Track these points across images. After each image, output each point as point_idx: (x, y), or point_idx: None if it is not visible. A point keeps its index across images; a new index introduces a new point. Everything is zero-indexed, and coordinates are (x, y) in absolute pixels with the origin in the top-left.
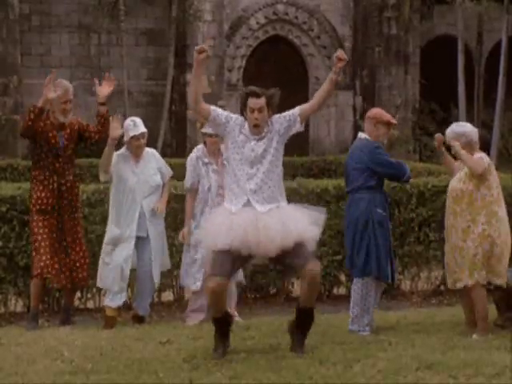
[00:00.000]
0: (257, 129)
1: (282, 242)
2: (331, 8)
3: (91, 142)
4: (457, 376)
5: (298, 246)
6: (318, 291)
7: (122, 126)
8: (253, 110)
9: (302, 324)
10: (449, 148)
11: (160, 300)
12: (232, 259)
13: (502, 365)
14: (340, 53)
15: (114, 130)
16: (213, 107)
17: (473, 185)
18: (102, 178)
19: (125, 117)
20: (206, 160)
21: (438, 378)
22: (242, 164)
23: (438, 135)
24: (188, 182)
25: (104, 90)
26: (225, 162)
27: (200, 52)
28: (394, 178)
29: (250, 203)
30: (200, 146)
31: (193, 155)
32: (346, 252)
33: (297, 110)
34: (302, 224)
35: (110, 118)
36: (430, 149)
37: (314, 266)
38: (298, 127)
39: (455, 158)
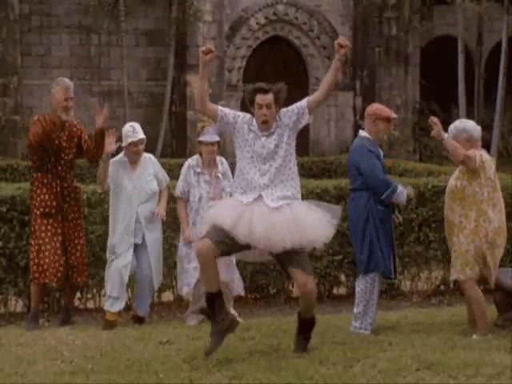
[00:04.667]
0: (265, 125)
1: (289, 239)
2: (331, 8)
3: (86, 155)
4: (457, 376)
5: (297, 253)
6: (313, 304)
7: (117, 141)
8: (261, 106)
9: (303, 331)
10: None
11: (160, 300)
12: (230, 238)
13: (502, 365)
14: (341, 39)
15: (109, 146)
16: (220, 107)
17: (466, 181)
18: (99, 189)
19: (125, 117)
20: (199, 170)
21: (438, 378)
22: (253, 161)
23: (432, 118)
24: (178, 189)
25: (99, 121)
26: (219, 175)
27: (206, 53)
28: (375, 191)
29: (262, 198)
30: (195, 156)
31: (186, 163)
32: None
33: (304, 101)
34: (313, 224)
35: (106, 133)
36: (430, 149)
37: (307, 282)
38: (307, 119)
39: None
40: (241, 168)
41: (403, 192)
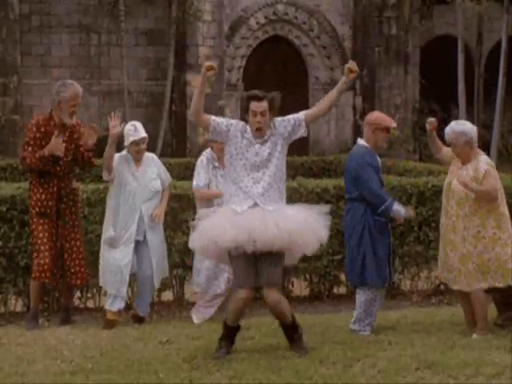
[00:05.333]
0: (259, 132)
1: (289, 237)
2: (331, 8)
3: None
4: (457, 376)
5: (272, 260)
6: (284, 313)
7: (121, 124)
8: (255, 114)
9: (289, 334)
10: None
11: (160, 300)
12: (252, 264)
13: (502, 364)
14: (352, 65)
15: (114, 128)
16: (212, 117)
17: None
18: (105, 177)
19: (125, 117)
20: (216, 164)
21: (438, 378)
22: (246, 169)
23: (431, 119)
24: (200, 181)
25: (90, 141)
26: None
27: (209, 69)
28: (371, 204)
29: (258, 205)
30: (209, 150)
31: (203, 158)
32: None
33: (302, 114)
34: (309, 226)
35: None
36: (430, 149)
37: (271, 295)
38: (302, 132)
39: (444, 143)
40: (235, 177)
41: (400, 211)
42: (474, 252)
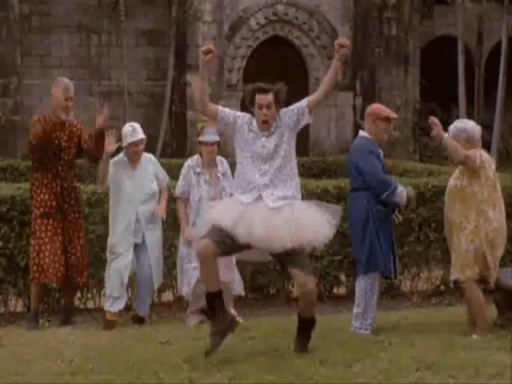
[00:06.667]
0: (266, 125)
1: (289, 240)
2: (331, 8)
3: (86, 155)
4: (457, 376)
5: (297, 253)
6: (313, 303)
7: (117, 142)
8: (261, 107)
9: (303, 331)
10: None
11: (160, 300)
12: (230, 238)
13: (502, 365)
14: (342, 39)
15: (109, 146)
16: (220, 107)
17: (466, 180)
18: (99, 189)
19: (124, 117)
20: (198, 170)
21: (438, 378)
22: (253, 161)
23: (431, 118)
24: (178, 189)
25: (99, 120)
26: (219, 175)
27: (207, 53)
28: (375, 191)
29: (262, 198)
30: (195, 156)
31: (186, 164)
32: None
33: (304, 101)
34: (313, 224)
35: (106, 133)
36: (430, 149)
37: (307, 282)
38: (307, 119)
39: None
40: (241, 168)
41: (403, 191)
42: (456, 242)
